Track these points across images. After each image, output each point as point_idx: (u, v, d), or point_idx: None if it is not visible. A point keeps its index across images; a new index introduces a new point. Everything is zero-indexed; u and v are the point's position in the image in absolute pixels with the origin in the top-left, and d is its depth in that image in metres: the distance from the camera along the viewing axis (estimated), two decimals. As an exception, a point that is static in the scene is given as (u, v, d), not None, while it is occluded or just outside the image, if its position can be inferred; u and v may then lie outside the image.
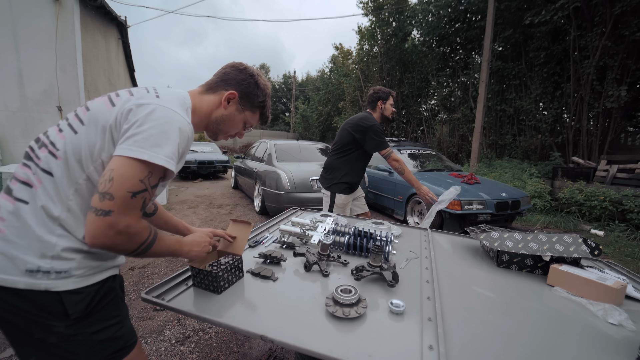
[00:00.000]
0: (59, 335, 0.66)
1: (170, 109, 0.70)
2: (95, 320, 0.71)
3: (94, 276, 0.71)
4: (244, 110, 0.92)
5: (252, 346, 1.78)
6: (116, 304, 0.77)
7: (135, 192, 0.64)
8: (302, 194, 4.18)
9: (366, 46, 14.94)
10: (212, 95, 0.89)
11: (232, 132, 0.95)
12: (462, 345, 0.75)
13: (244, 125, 0.95)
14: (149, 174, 0.66)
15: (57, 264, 0.65)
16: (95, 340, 0.70)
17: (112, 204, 0.61)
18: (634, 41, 6.50)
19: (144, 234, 0.68)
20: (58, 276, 0.65)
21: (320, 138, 22.81)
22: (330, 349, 0.70)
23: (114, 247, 0.64)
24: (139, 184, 0.64)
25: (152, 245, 0.71)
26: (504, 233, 1.34)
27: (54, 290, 0.64)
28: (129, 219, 0.63)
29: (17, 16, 4.41)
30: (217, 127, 0.91)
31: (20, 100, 4.56)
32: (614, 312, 0.91)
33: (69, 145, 0.68)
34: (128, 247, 0.66)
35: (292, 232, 1.41)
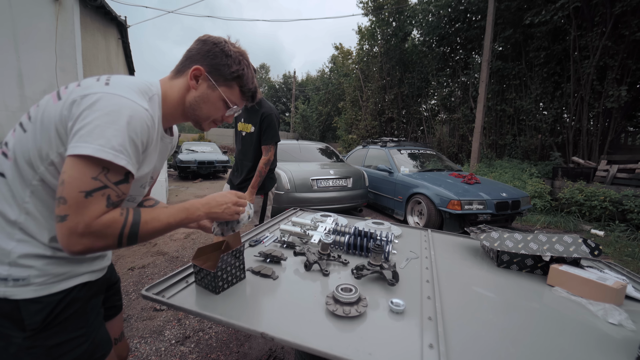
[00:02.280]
0: (17, 346, 0.62)
1: (120, 96, 0.61)
2: (54, 333, 0.65)
3: (58, 284, 0.66)
4: (218, 85, 0.77)
5: (252, 346, 1.78)
6: (82, 315, 0.70)
7: (89, 190, 0.57)
8: (302, 194, 4.18)
9: (366, 46, 14.96)
10: (181, 78, 0.77)
11: (215, 116, 0.81)
12: (462, 345, 0.75)
13: (225, 104, 0.80)
14: (103, 169, 0.58)
15: (14, 271, 0.61)
16: (53, 354, 0.64)
17: (66, 208, 0.56)
18: (634, 41, 6.50)
19: (116, 226, 0.61)
20: (16, 284, 0.61)
21: (320, 138, 22.82)
22: (331, 347, 0.70)
23: (90, 250, 0.59)
24: (92, 182, 0.58)
25: (138, 231, 0.64)
26: (504, 233, 1.34)
27: (12, 298, 0.60)
28: (87, 219, 0.57)
29: (16, 16, 4.42)
30: (195, 113, 0.79)
31: (20, 100, 4.56)
32: (614, 312, 0.91)
33: (17, 144, 0.63)
34: (105, 245, 0.60)
35: (293, 232, 1.41)
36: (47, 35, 4.60)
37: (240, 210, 0.87)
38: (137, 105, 0.62)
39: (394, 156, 5.27)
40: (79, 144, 0.56)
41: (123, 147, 0.59)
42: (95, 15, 5.58)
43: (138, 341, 1.77)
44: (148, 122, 0.65)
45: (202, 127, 0.83)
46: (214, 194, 0.84)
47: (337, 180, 4.51)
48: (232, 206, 0.84)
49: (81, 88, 0.62)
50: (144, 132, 0.64)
